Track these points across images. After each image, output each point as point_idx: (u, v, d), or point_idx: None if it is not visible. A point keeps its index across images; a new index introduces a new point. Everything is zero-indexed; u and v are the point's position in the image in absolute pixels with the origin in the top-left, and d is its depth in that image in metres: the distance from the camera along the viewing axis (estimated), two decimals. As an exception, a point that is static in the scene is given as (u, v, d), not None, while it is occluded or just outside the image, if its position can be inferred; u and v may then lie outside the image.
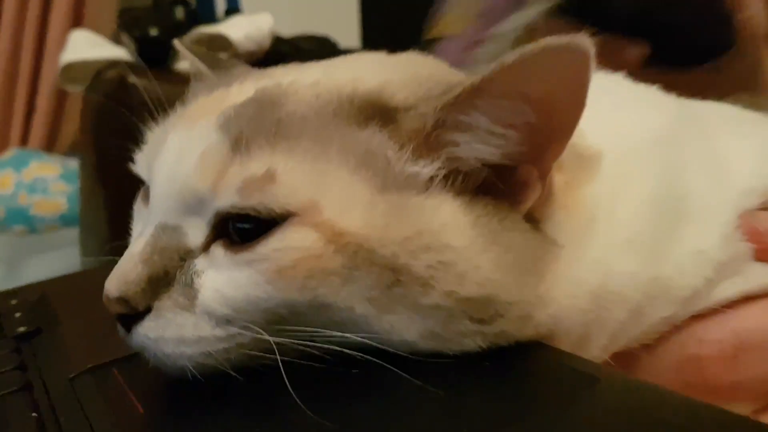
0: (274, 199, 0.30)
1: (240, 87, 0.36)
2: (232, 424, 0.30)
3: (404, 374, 0.29)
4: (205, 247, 0.33)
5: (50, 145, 2.18)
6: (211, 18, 1.64)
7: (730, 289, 0.37)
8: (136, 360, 0.37)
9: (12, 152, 1.97)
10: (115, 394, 0.34)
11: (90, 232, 1.35)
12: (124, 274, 0.32)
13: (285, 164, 0.31)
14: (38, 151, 2.05)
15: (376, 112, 0.32)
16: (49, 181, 1.85)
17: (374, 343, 0.31)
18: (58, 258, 1.61)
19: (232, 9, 1.71)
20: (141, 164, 0.37)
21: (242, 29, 1.21)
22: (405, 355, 0.31)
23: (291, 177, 0.31)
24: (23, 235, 1.80)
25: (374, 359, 0.31)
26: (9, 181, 1.83)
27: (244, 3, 1.81)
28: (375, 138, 0.32)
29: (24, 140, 2.19)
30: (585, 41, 0.28)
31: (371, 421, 0.29)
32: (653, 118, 0.41)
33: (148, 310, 0.32)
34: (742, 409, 0.38)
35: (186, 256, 0.33)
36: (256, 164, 0.31)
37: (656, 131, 0.40)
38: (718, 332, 0.37)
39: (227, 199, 0.31)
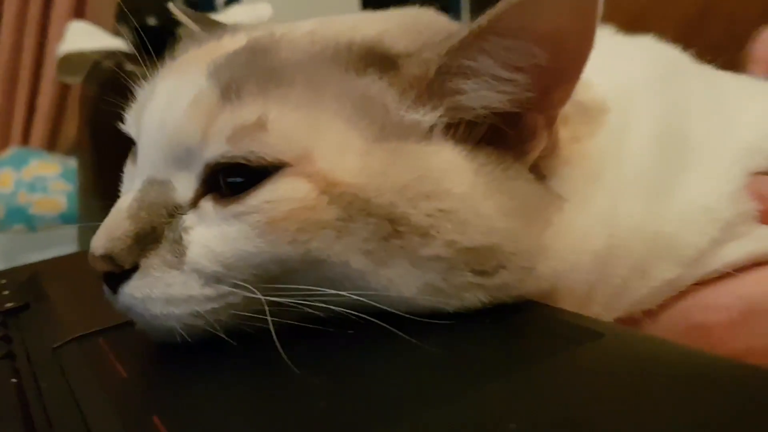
0: (266, 148, 0.29)
1: (231, 38, 0.35)
2: (217, 386, 0.29)
3: (400, 333, 0.28)
4: (195, 202, 0.31)
5: (51, 144, 2.16)
6: (210, 7, 1.64)
7: (736, 251, 0.36)
8: (123, 329, 0.36)
9: (11, 151, 1.96)
10: (100, 362, 0.33)
11: (88, 227, 1.34)
12: (110, 230, 0.31)
13: (277, 111, 0.29)
14: (38, 150, 2.03)
15: (376, 59, 0.31)
16: (49, 180, 1.84)
17: (371, 302, 0.29)
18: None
19: (232, -1, 1.70)
20: (130, 122, 0.35)
21: (241, 18, 1.20)
22: (402, 314, 0.29)
23: (283, 125, 0.29)
24: (23, 234, 1.79)
25: (370, 318, 0.29)
26: (9, 179, 1.82)
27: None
28: (374, 85, 0.31)
29: (25, 139, 2.18)
30: None
31: (365, 380, 0.27)
32: (653, 58, 0.40)
33: (134, 268, 0.31)
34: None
35: (175, 211, 0.31)
36: (247, 111, 0.30)
37: (657, 70, 0.38)
38: (725, 298, 0.36)
39: (217, 147, 0.30)
